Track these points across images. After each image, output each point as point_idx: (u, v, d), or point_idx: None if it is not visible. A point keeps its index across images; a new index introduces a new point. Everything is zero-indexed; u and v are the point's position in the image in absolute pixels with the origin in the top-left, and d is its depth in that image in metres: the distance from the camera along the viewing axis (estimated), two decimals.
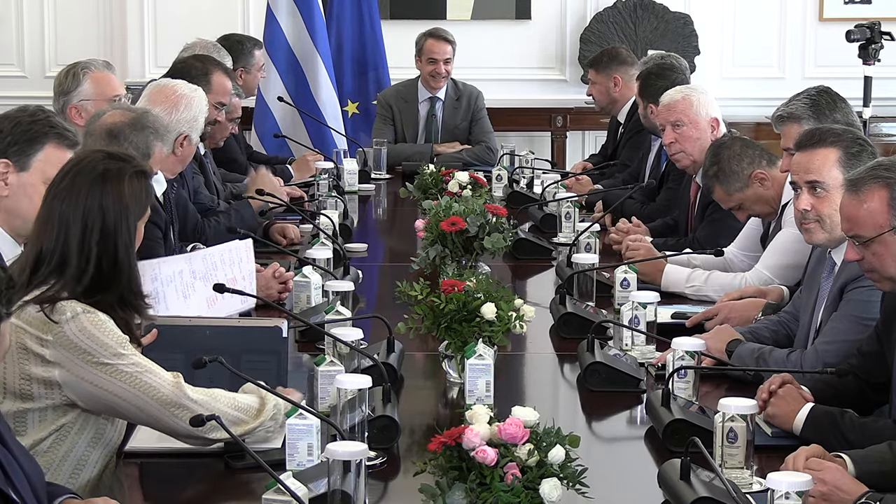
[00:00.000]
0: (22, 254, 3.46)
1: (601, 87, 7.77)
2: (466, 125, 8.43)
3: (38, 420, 3.26)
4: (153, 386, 3.26)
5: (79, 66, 5.61)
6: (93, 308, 3.26)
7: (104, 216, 3.31)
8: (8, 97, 9.65)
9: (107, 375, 3.23)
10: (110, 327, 3.26)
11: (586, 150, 9.74)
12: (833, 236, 4.05)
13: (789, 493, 2.79)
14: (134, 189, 3.37)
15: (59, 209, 3.32)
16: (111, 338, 3.25)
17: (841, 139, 4.07)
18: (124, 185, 3.35)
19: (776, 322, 4.35)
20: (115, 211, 3.32)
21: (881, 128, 9.49)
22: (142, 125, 4.42)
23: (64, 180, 3.36)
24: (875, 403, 3.67)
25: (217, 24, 8.46)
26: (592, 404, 3.93)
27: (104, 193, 3.32)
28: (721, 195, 5.12)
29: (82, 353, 3.22)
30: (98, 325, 3.24)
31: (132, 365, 3.25)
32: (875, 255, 3.49)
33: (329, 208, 6.04)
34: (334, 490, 2.91)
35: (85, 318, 3.24)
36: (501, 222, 5.02)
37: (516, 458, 2.80)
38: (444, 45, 8.32)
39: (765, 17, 10.00)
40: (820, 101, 4.77)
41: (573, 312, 4.55)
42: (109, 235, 3.30)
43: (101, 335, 3.24)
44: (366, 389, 3.29)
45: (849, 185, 3.54)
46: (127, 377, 3.24)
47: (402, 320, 3.99)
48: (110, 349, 3.24)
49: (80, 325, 3.23)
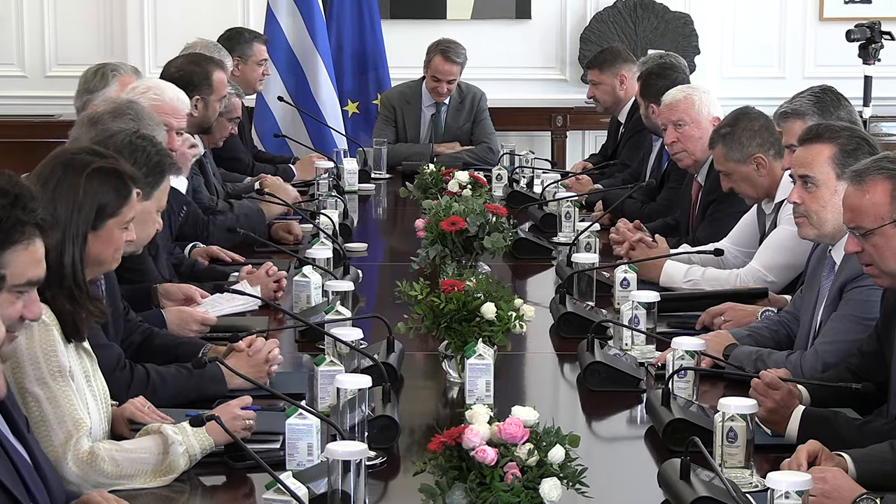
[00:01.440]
0: None
1: (606, 87, 7.75)
2: (469, 126, 8.43)
3: None
4: (47, 431, 3.14)
5: (108, 68, 5.63)
6: (49, 318, 3.17)
7: (55, 207, 3.27)
8: (8, 97, 9.68)
9: (22, 401, 3.13)
10: (56, 347, 3.17)
11: (586, 150, 9.74)
12: (822, 232, 4.08)
13: (789, 492, 2.79)
14: (94, 186, 3.33)
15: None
16: (49, 362, 3.16)
17: (838, 136, 4.09)
18: (81, 179, 3.33)
19: (776, 322, 4.35)
20: (68, 203, 3.30)
21: (881, 127, 9.49)
22: (121, 112, 4.39)
23: (40, 167, 3.36)
24: (874, 403, 3.67)
25: (217, 24, 8.43)
26: (592, 404, 3.93)
27: (59, 183, 3.31)
28: (719, 155, 5.20)
29: (18, 367, 3.14)
30: (46, 344, 3.16)
31: (46, 400, 3.15)
32: (875, 248, 3.49)
33: (329, 208, 6.04)
34: (334, 490, 2.90)
35: (39, 330, 3.14)
36: (501, 222, 5.02)
37: (516, 458, 2.80)
38: (450, 67, 8.26)
39: (765, 17, 10.00)
40: (825, 98, 4.78)
41: (573, 312, 4.55)
42: (57, 226, 3.18)
43: (42, 356, 3.15)
44: (366, 389, 3.29)
45: (853, 177, 3.54)
46: (33, 404, 3.15)
47: (402, 320, 3.99)
48: (40, 372, 3.15)
49: (31, 338, 3.14)
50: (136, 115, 4.40)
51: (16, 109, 9.60)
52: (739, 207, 5.43)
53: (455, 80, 8.32)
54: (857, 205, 3.51)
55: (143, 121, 4.39)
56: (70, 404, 3.17)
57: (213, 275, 5.12)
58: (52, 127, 9.19)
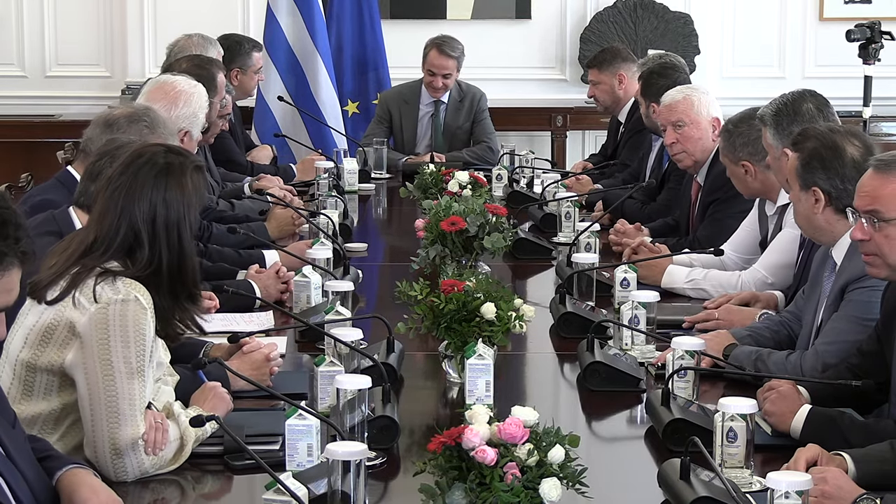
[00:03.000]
0: (68, 239, 3.47)
1: (605, 87, 7.75)
2: (469, 126, 8.42)
3: (43, 386, 3.29)
4: (119, 419, 3.22)
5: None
6: (146, 303, 3.26)
7: (168, 209, 3.36)
8: (8, 97, 9.68)
9: (101, 373, 3.22)
10: (147, 333, 3.25)
11: (586, 150, 9.74)
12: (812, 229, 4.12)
13: (789, 492, 2.79)
14: (195, 182, 3.44)
15: (121, 203, 3.36)
16: (137, 346, 3.24)
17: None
18: (187, 179, 3.42)
19: (777, 322, 4.35)
20: (179, 203, 3.38)
21: (881, 127, 9.48)
22: (137, 118, 4.43)
23: (125, 174, 3.41)
24: (875, 403, 3.67)
25: (217, 24, 8.45)
26: (592, 404, 3.93)
27: (168, 187, 3.38)
28: (720, 146, 5.29)
29: (104, 340, 3.22)
30: (138, 324, 3.24)
31: (125, 387, 3.22)
32: (886, 238, 3.49)
33: (329, 208, 6.04)
34: (334, 490, 2.91)
35: (134, 307, 3.24)
36: (501, 222, 5.02)
37: (516, 458, 2.80)
38: (445, 61, 8.24)
39: (765, 17, 10.00)
40: (783, 109, 4.69)
41: (573, 312, 4.55)
42: (173, 227, 3.36)
43: (133, 336, 3.23)
44: (366, 389, 3.29)
45: (880, 165, 3.53)
46: (109, 387, 3.23)
47: (402, 320, 3.99)
48: (127, 356, 3.23)
49: (123, 312, 3.23)
50: (150, 123, 4.44)
51: (16, 109, 9.60)
52: (740, 208, 5.44)
53: (451, 76, 8.29)
54: (879, 192, 3.50)
55: (157, 129, 4.44)
56: (143, 393, 3.26)
57: (220, 273, 5.12)
58: (52, 127, 9.19)
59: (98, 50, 9.77)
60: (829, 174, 3.99)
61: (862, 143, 4.03)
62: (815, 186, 4.01)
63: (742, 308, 4.67)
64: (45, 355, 3.29)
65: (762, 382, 3.76)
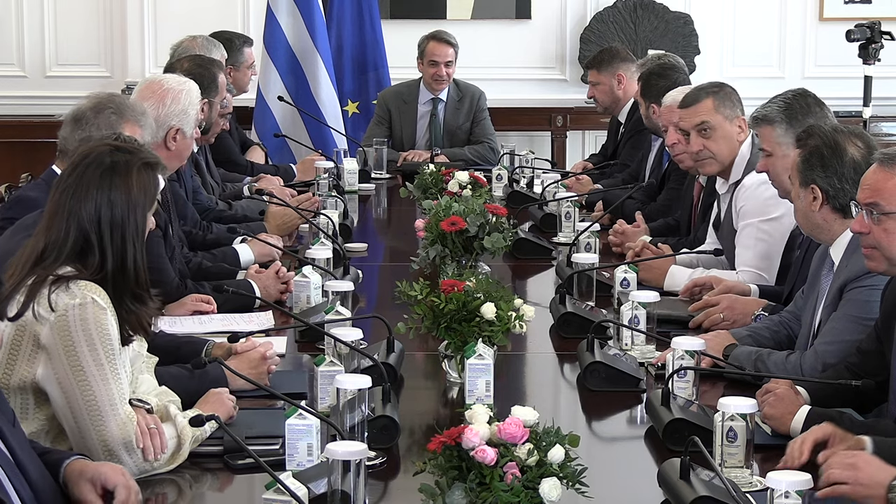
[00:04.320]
0: (21, 249, 3.43)
1: (604, 87, 7.76)
2: (468, 126, 8.43)
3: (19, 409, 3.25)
4: (103, 420, 3.22)
5: None
6: (104, 302, 3.25)
7: (112, 209, 3.32)
8: (8, 97, 9.68)
9: (75, 380, 3.21)
10: (111, 331, 3.24)
11: (586, 150, 9.74)
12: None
13: (789, 492, 2.79)
14: (142, 181, 3.38)
15: (67, 204, 3.32)
16: (104, 346, 3.23)
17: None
18: (132, 178, 3.36)
19: (777, 322, 4.35)
20: (124, 203, 3.33)
21: (881, 127, 9.49)
22: (102, 107, 4.36)
23: (72, 175, 3.37)
24: (875, 402, 3.67)
25: (217, 24, 8.43)
26: (592, 404, 3.93)
27: (113, 186, 3.34)
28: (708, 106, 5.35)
29: (70, 347, 3.20)
30: (100, 325, 3.23)
31: (102, 389, 3.21)
32: (886, 232, 3.50)
33: (329, 208, 6.04)
34: (334, 490, 2.91)
35: (92, 308, 3.22)
36: (501, 222, 5.02)
37: (516, 458, 2.81)
38: (445, 48, 8.31)
39: (765, 17, 10.00)
40: (794, 104, 4.74)
41: (573, 312, 4.55)
42: (117, 228, 3.31)
43: (98, 337, 3.22)
44: (365, 389, 3.29)
45: (885, 159, 3.54)
46: (86, 392, 3.21)
47: (402, 320, 3.99)
48: (97, 358, 3.21)
49: (83, 316, 3.21)
50: (117, 109, 4.37)
51: (16, 109, 9.60)
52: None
53: (452, 63, 8.33)
54: (882, 185, 3.51)
55: (125, 113, 4.36)
56: (122, 389, 3.25)
57: (220, 273, 5.12)
58: (52, 127, 9.05)
59: (98, 50, 9.77)
60: (828, 173, 4.00)
61: (865, 144, 4.04)
62: (814, 184, 4.02)
63: (747, 299, 4.69)
64: (15, 373, 3.26)
65: (762, 382, 3.76)
